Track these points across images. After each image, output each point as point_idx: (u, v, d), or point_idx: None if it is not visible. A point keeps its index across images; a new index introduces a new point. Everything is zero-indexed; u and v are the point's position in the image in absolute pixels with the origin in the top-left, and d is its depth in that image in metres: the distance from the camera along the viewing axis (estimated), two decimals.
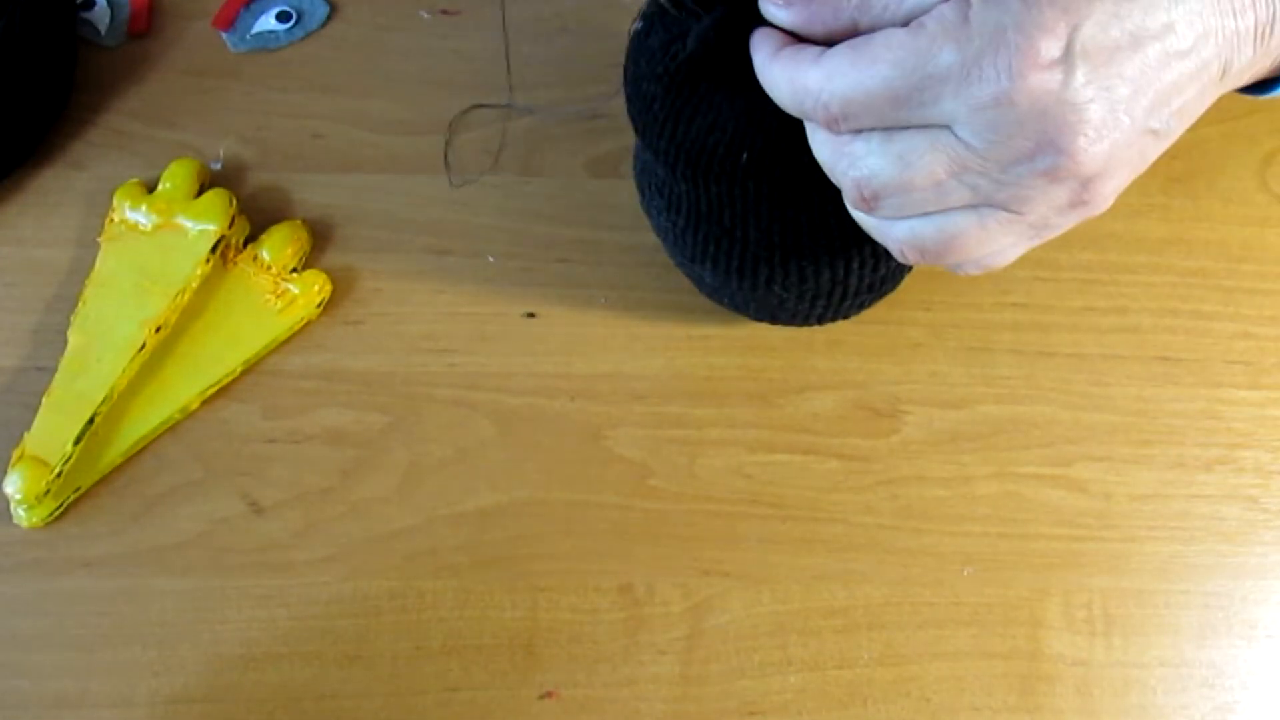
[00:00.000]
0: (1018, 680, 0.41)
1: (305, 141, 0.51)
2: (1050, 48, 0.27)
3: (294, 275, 0.47)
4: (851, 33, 0.30)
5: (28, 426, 0.43)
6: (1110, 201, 0.30)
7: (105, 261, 0.47)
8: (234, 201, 0.48)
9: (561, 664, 0.41)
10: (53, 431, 0.43)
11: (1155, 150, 0.30)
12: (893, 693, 0.41)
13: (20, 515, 0.42)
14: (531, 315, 0.47)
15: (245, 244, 0.48)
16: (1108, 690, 0.41)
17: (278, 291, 0.47)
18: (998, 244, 0.31)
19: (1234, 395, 0.46)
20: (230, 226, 0.47)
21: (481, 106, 0.49)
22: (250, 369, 0.46)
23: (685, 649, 0.41)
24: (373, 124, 0.51)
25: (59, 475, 0.42)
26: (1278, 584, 0.43)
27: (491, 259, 0.48)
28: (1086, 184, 0.29)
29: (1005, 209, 0.30)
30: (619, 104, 0.36)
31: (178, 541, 0.43)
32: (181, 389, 0.45)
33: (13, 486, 0.42)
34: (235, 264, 0.47)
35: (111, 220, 0.48)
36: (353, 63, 0.53)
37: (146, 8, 0.54)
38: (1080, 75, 0.27)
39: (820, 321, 0.43)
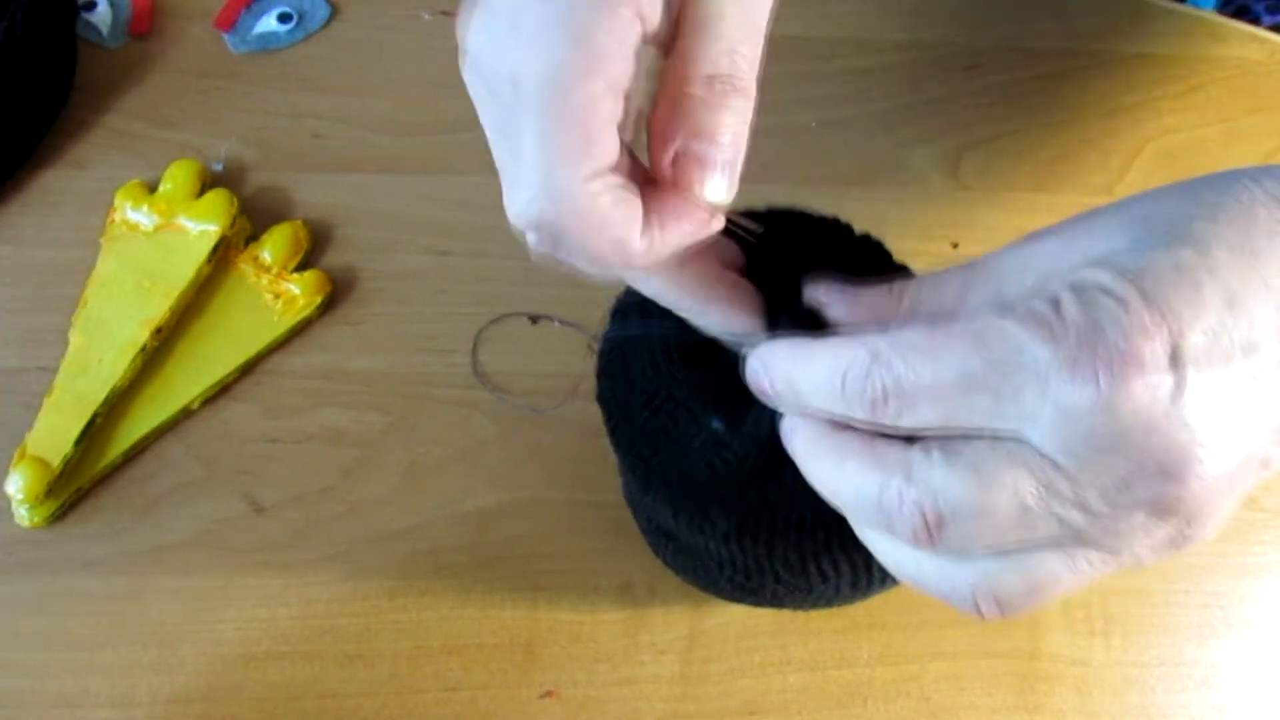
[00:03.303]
0: (1017, 680, 0.41)
1: (306, 142, 0.51)
2: (1156, 351, 0.23)
3: (294, 275, 0.47)
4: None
5: (29, 427, 0.43)
6: (1208, 538, 0.25)
7: (106, 262, 0.47)
8: (235, 202, 0.48)
9: (561, 664, 0.41)
10: (54, 431, 0.43)
11: (1257, 481, 0.25)
12: (892, 692, 0.41)
13: (21, 515, 0.42)
14: (534, 319, 0.47)
15: (246, 244, 0.48)
16: (1108, 690, 0.41)
17: (278, 291, 0.47)
18: (1080, 586, 0.26)
19: None
20: (231, 227, 0.47)
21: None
22: (251, 369, 0.46)
23: (685, 648, 0.41)
24: (373, 124, 0.51)
25: (60, 475, 0.43)
26: (1278, 584, 0.43)
27: (493, 257, 0.48)
28: (1191, 521, 0.24)
29: (1098, 548, 0.25)
30: None
31: (178, 541, 0.43)
32: (182, 389, 0.45)
33: (14, 486, 0.42)
34: (236, 264, 0.48)
35: (113, 220, 0.48)
36: (353, 63, 0.53)
37: (148, 9, 0.54)
38: (1193, 385, 0.23)
39: None
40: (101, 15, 0.54)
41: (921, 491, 0.25)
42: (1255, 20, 0.57)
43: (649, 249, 0.27)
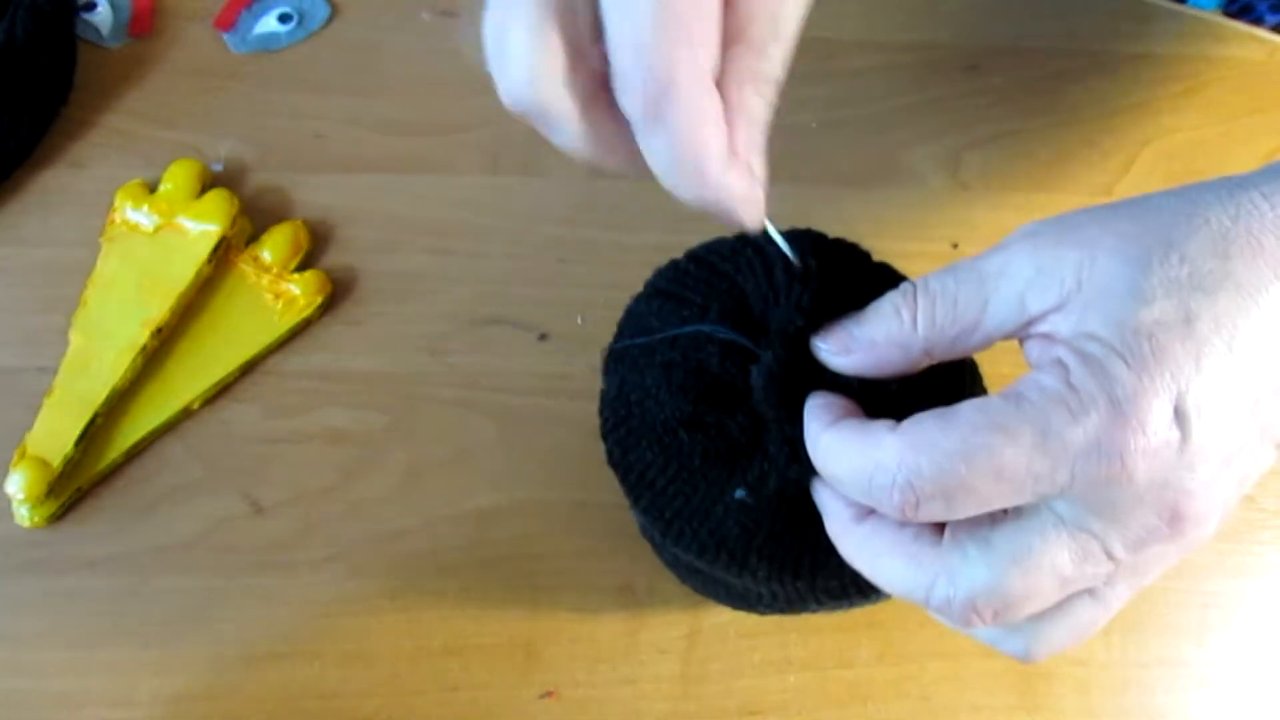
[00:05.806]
0: (1017, 679, 0.41)
1: (306, 142, 0.51)
2: (1164, 410, 0.24)
3: (294, 275, 0.47)
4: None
5: (29, 427, 0.43)
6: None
7: (107, 262, 0.47)
8: (235, 202, 0.48)
9: (561, 664, 0.41)
10: (54, 432, 0.43)
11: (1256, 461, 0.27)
12: (893, 692, 0.41)
13: (22, 515, 0.42)
14: (539, 333, 0.47)
15: (246, 244, 0.48)
16: (1108, 690, 0.41)
17: (278, 291, 0.47)
18: (1112, 617, 0.28)
19: None
20: (231, 227, 0.47)
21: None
22: (251, 369, 0.46)
23: (685, 648, 0.41)
24: (373, 124, 0.51)
25: (60, 475, 0.43)
26: (1278, 584, 0.43)
27: (493, 257, 0.48)
28: (1199, 534, 0.26)
29: (1125, 583, 0.27)
30: None
31: (179, 541, 0.43)
32: (182, 389, 0.45)
33: (14, 486, 0.42)
34: (236, 264, 0.48)
35: (113, 221, 0.48)
36: (353, 63, 0.53)
37: (148, 9, 0.54)
38: (1196, 434, 0.25)
39: None
40: (101, 15, 0.54)
41: (967, 592, 0.26)
42: (1259, 20, 0.57)
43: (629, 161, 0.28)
